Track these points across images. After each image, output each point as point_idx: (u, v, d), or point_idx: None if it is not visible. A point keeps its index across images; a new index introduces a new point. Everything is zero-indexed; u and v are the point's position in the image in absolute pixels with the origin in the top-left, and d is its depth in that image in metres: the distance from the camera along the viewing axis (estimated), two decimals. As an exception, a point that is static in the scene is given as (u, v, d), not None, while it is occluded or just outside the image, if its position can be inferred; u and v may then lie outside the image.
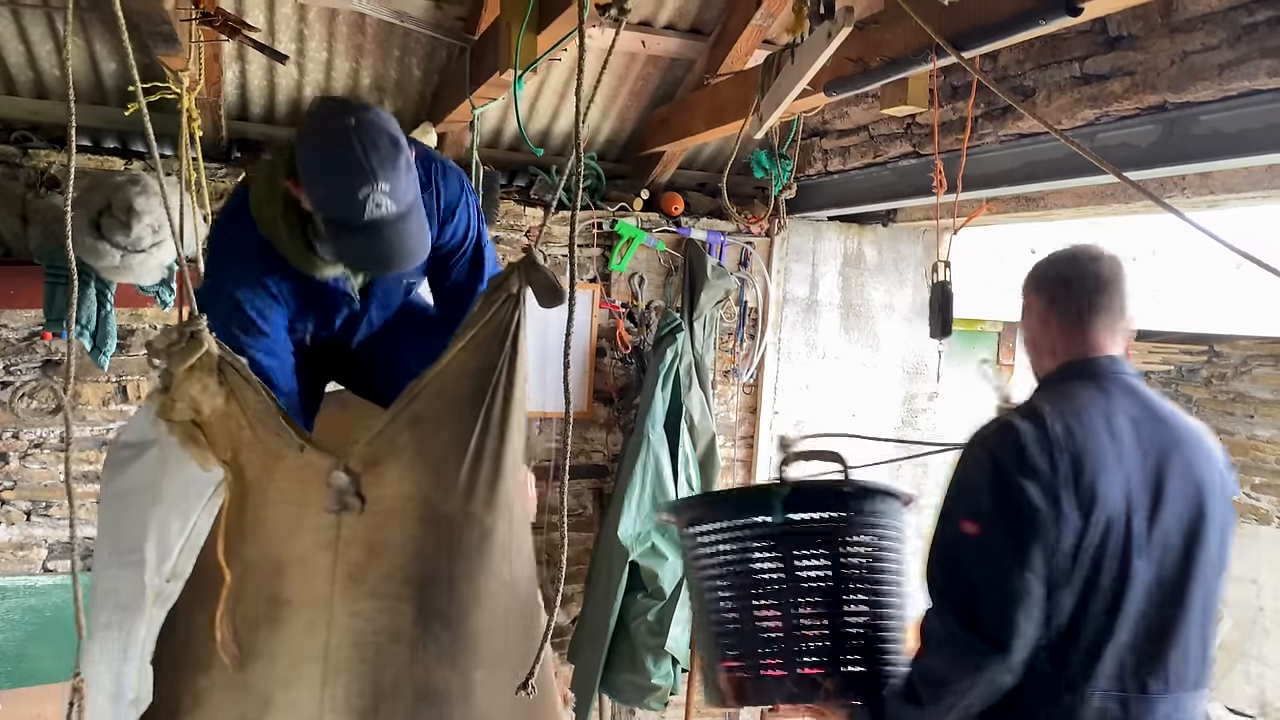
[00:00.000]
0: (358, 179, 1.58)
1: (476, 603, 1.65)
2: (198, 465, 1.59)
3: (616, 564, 3.71)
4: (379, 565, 1.64)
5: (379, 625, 1.64)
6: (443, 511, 1.64)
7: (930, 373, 4.40)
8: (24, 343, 3.33)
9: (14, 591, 3.28)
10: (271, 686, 1.63)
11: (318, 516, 1.63)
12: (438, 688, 1.63)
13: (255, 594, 1.64)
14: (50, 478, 3.41)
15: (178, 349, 1.54)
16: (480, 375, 1.63)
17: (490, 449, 1.64)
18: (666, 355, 3.83)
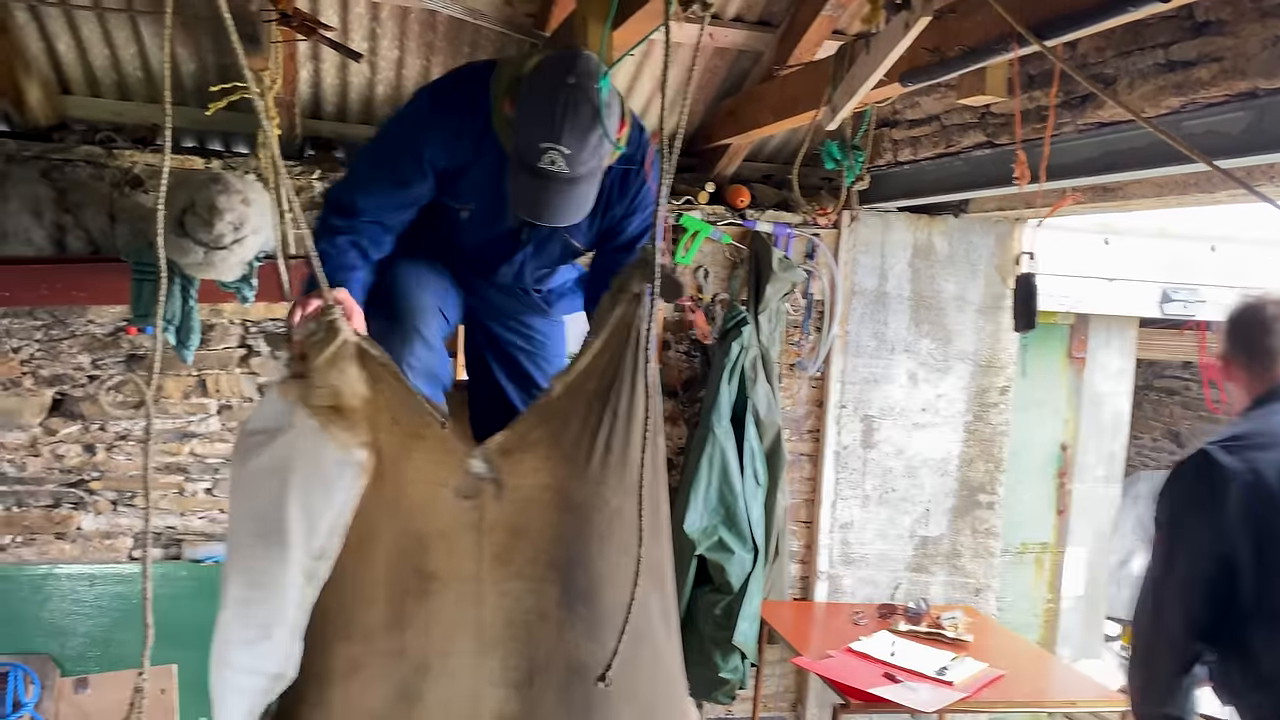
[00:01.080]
0: (545, 131, 1.73)
1: (613, 581, 1.74)
2: (337, 447, 1.64)
3: (683, 558, 3.72)
4: (523, 548, 1.75)
5: (528, 605, 1.74)
6: (577, 499, 1.74)
7: (1002, 366, 4.32)
8: (109, 338, 3.44)
9: (102, 579, 3.39)
10: (429, 655, 1.73)
11: (456, 496, 1.73)
12: (584, 662, 1.73)
13: (403, 566, 1.73)
14: (135, 469, 3.51)
15: (316, 339, 1.60)
16: (607, 372, 1.72)
17: (619, 439, 1.72)
18: (732, 349, 3.82)
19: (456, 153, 1.96)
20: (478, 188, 2.01)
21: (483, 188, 2.00)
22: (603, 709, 1.74)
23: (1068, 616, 5.24)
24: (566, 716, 1.73)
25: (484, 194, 2.01)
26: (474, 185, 2.00)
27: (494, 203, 2.00)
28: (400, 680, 1.73)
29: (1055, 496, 5.11)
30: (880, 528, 4.26)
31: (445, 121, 1.95)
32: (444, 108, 1.97)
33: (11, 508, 3.41)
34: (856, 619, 3.90)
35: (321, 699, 1.73)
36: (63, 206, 3.03)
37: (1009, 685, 3.28)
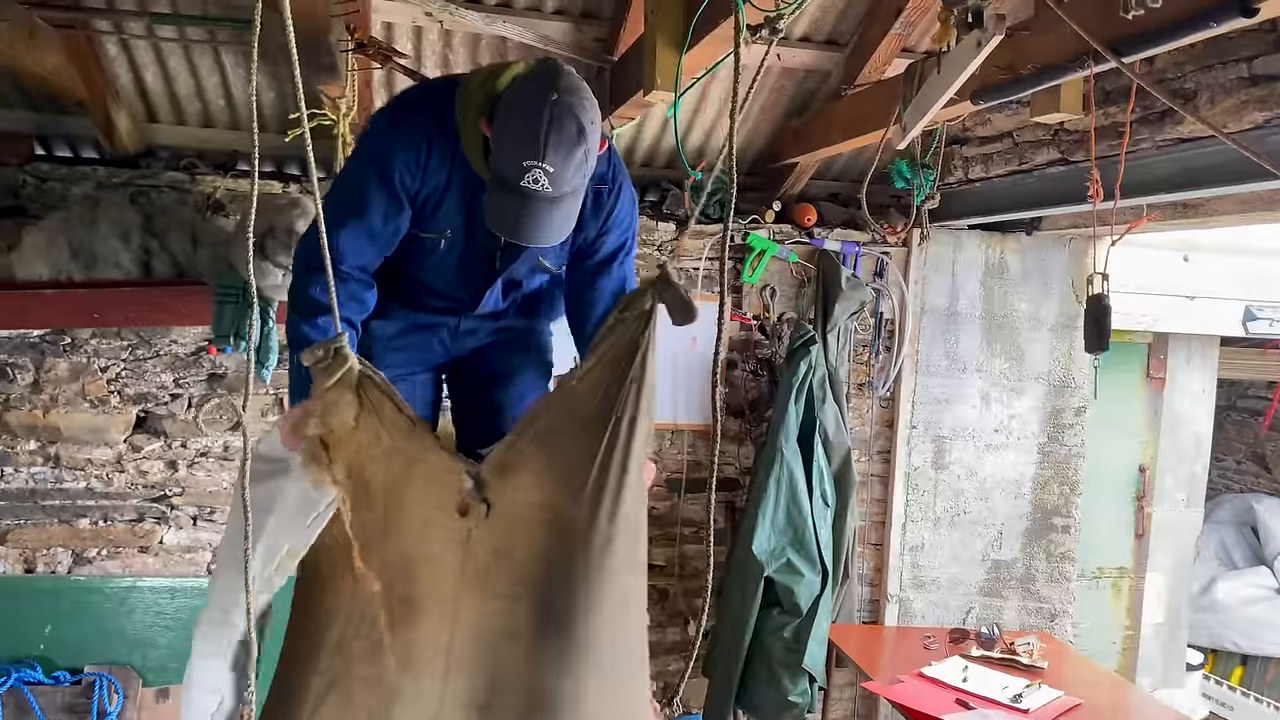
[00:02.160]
0: (529, 150, 1.68)
1: (592, 610, 1.68)
2: (313, 484, 1.67)
3: (751, 579, 3.70)
4: (505, 568, 1.70)
5: (500, 625, 1.69)
6: (568, 520, 1.68)
7: (1077, 387, 4.23)
8: (191, 357, 3.55)
9: (183, 592, 3.48)
10: (401, 678, 1.71)
11: (449, 519, 1.70)
12: (550, 690, 1.67)
13: (389, 594, 1.72)
14: (215, 485, 3.61)
15: (323, 365, 1.62)
16: (609, 392, 1.66)
17: (616, 463, 1.66)
18: (800, 368, 3.79)
19: (427, 176, 1.90)
20: (452, 213, 1.96)
21: (457, 213, 1.96)
22: None
23: (1147, 644, 5.08)
24: None
25: (459, 219, 1.97)
26: (448, 211, 1.95)
27: (471, 227, 1.97)
28: (370, 706, 1.72)
29: (1134, 520, 4.97)
30: (952, 550, 4.19)
31: (410, 142, 1.88)
32: (408, 128, 1.90)
33: (98, 521, 3.52)
34: (927, 643, 3.83)
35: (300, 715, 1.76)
36: (149, 231, 3.13)
37: (1085, 715, 3.20)
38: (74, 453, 3.49)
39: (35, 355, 3.42)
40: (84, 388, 3.47)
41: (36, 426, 3.45)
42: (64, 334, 3.42)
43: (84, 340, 3.45)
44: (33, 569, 3.48)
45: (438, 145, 1.88)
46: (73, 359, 3.45)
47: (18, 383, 3.42)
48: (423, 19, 3.12)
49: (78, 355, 3.46)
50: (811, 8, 3.12)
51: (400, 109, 1.98)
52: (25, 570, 3.47)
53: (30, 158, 3.39)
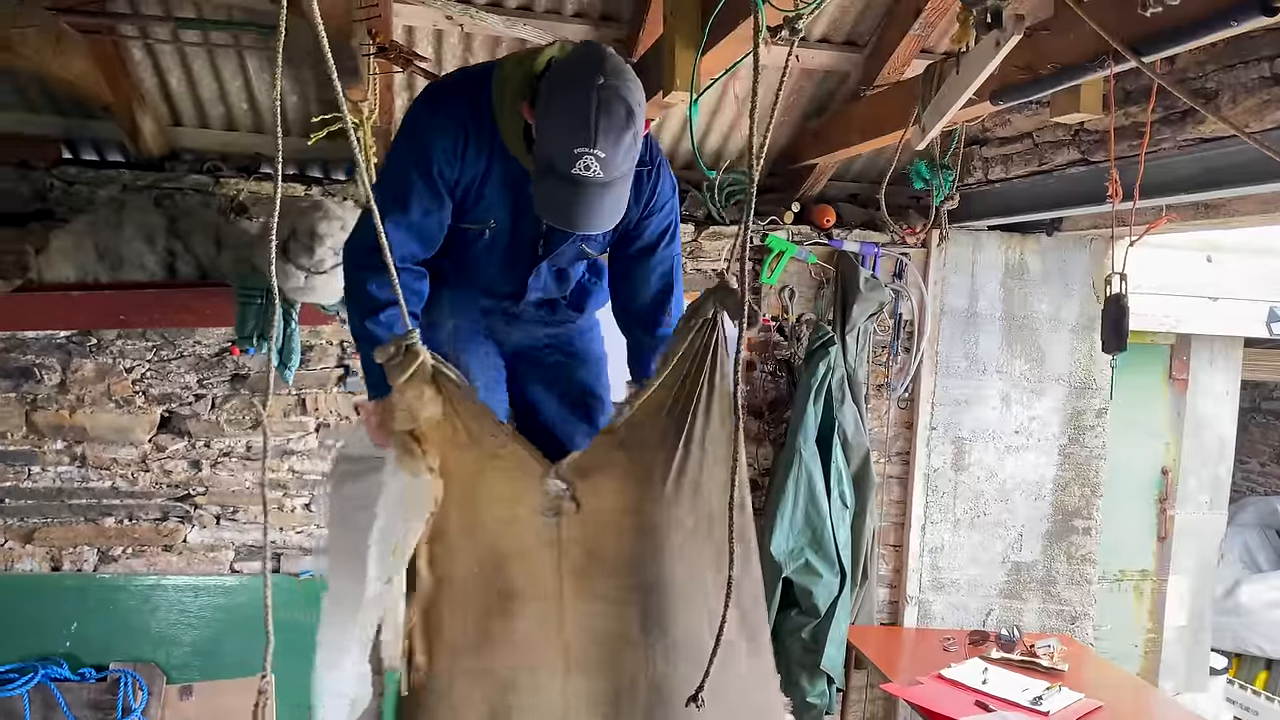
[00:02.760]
0: (579, 136, 1.65)
1: (689, 604, 1.76)
2: (411, 474, 1.70)
3: (768, 580, 3.69)
4: (602, 569, 1.77)
5: (610, 628, 1.77)
6: (652, 522, 1.75)
7: (1099, 388, 4.21)
8: (215, 358, 3.58)
9: (206, 590, 3.52)
10: (516, 672, 1.77)
11: (535, 516, 1.76)
12: (665, 684, 1.74)
13: (486, 585, 1.77)
14: (237, 484, 3.64)
15: (395, 362, 1.65)
16: (683, 395, 1.73)
17: (693, 464, 1.73)
18: (819, 369, 3.79)
19: (465, 164, 1.88)
20: (494, 202, 1.94)
21: (499, 201, 1.93)
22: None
23: (1170, 648, 5.04)
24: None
25: (502, 207, 1.94)
26: (490, 201, 1.93)
27: (515, 215, 1.94)
28: (489, 699, 1.76)
29: (1156, 522, 4.93)
30: (972, 552, 4.17)
31: (447, 130, 1.86)
32: (444, 117, 1.88)
33: (123, 520, 3.57)
34: (947, 645, 3.82)
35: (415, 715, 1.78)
36: (174, 233, 3.17)
37: (1107, 718, 3.18)
38: (100, 452, 3.54)
39: (62, 356, 3.47)
40: (110, 388, 3.51)
41: (63, 426, 3.49)
42: (90, 335, 3.46)
43: (110, 341, 3.49)
44: (59, 567, 3.52)
45: (475, 132, 1.85)
46: (99, 360, 3.50)
47: (45, 383, 3.46)
48: (443, 22, 3.14)
49: (104, 356, 3.50)
50: (830, 8, 3.12)
51: (435, 97, 1.96)
52: (52, 568, 3.52)
53: (57, 161, 3.44)
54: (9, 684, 3.20)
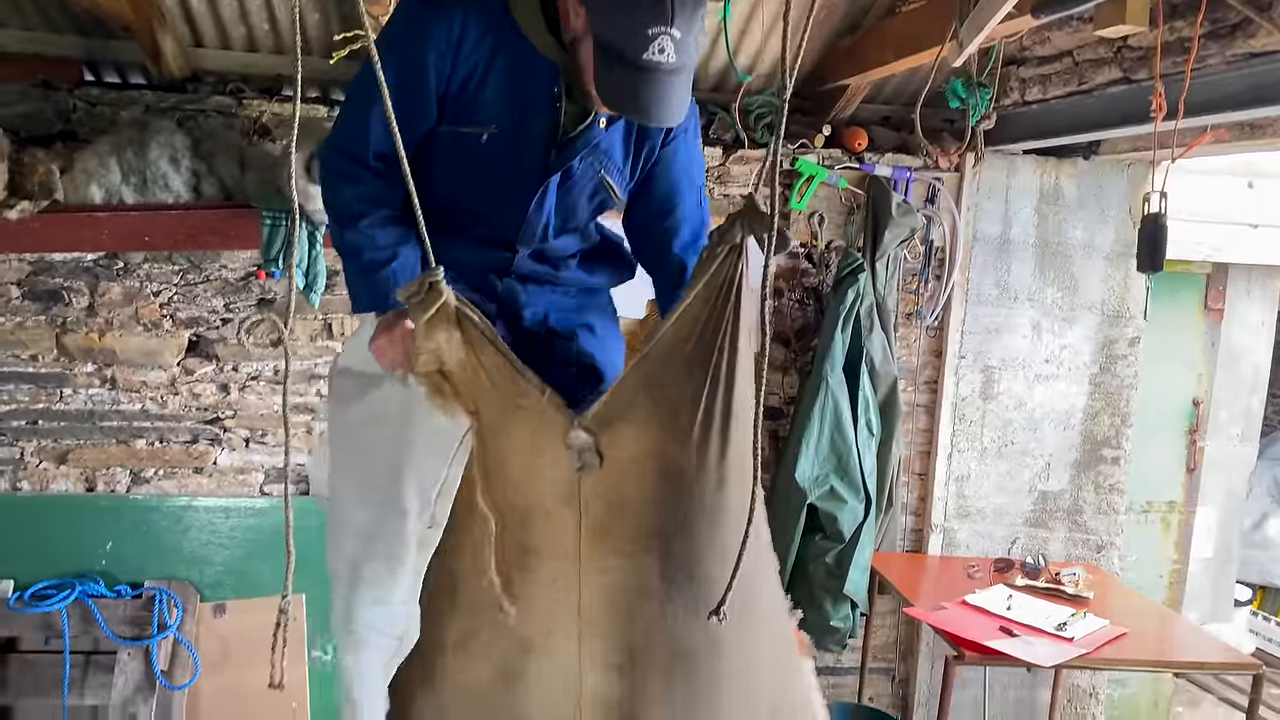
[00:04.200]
0: (654, 14, 1.48)
1: (716, 554, 1.65)
2: (445, 414, 1.64)
3: (793, 506, 3.70)
4: (622, 521, 1.67)
5: (627, 581, 1.67)
6: (678, 466, 1.64)
7: (1132, 317, 4.13)
8: (241, 282, 3.59)
9: (237, 511, 3.57)
10: (531, 632, 1.70)
11: (554, 470, 1.66)
12: (687, 643, 1.66)
13: (504, 538, 1.70)
14: (265, 408, 3.67)
15: (418, 300, 1.57)
16: (707, 331, 1.61)
17: (720, 402, 1.62)
18: (847, 296, 3.74)
19: (462, 54, 1.66)
20: (498, 99, 1.71)
21: (504, 98, 1.71)
22: (709, 688, 1.68)
23: (1196, 579, 5.03)
24: (670, 699, 1.67)
25: (507, 106, 1.71)
26: (493, 96, 1.70)
27: (522, 115, 1.72)
28: (502, 657, 1.71)
29: (1185, 454, 4.90)
30: (998, 481, 4.15)
31: (441, 13, 1.65)
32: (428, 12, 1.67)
33: (154, 442, 3.61)
34: (971, 573, 3.83)
35: (429, 672, 1.76)
36: (198, 155, 3.15)
37: (1132, 644, 3.19)
38: (129, 375, 3.56)
39: (90, 279, 3.48)
40: (137, 311, 3.53)
41: (93, 349, 3.52)
42: (117, 258, 3.47)
43: (136, 264, 3.49)
44: (93, 487, 3.58)
45: (476, 15, 1.66)
46: (126, 283, 3.51)
47: (74, 306, 3.48)
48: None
49: (130, 279, 3.51)
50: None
51: None
52: (86, 489, 3.58)
53: (80, 83, 3.41)
54: (48, 599, 3.28)
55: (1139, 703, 4.81)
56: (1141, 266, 2.34)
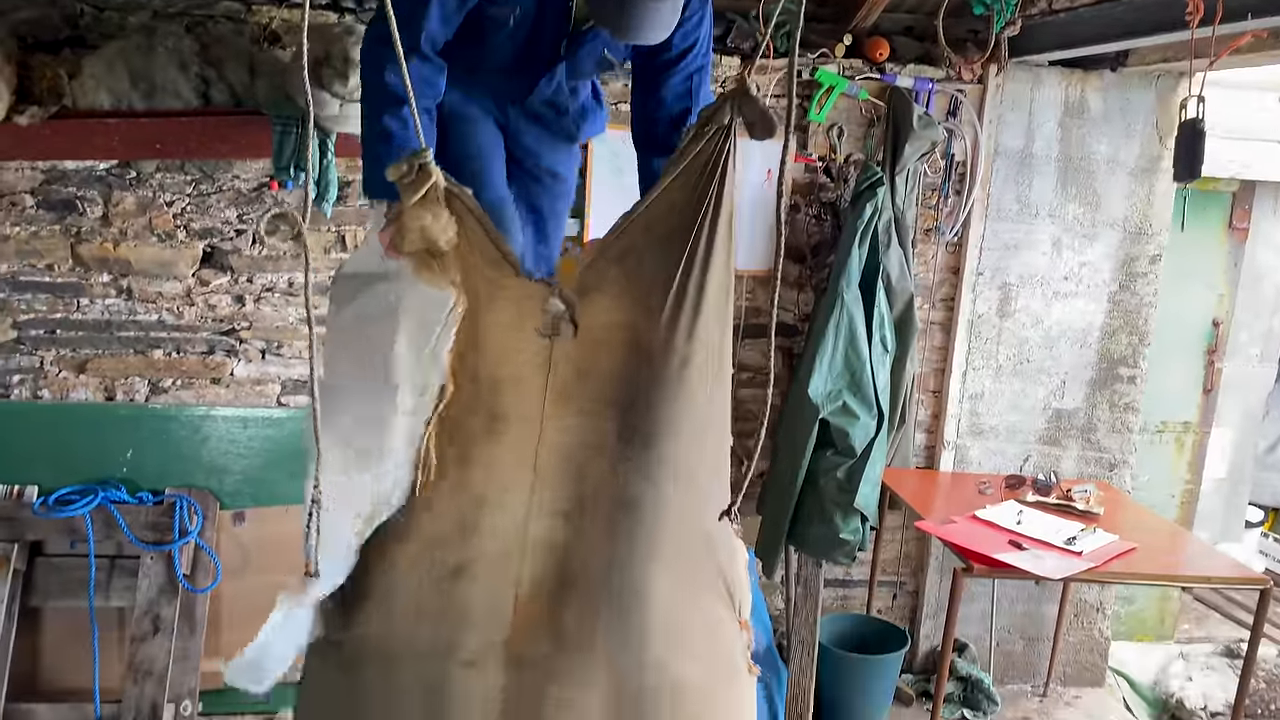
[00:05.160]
0: None
1: (672, 424, 1.74)
2: (433, 288, 1.68)
3: (806, 421, 3.71)
4: (587, 386, 1.75)
5: (583, 439, 1.75)
6: (646, 341, 1.72)
7: (1154, 234, 4.07)
8: (254, 193, 3.57)
9: (254, 422, 3.60)
10: (488, 489, 1.78)
11: (533, 340, 1.74)
12: (633, 497, 1.75)
13: (477, 410, 1.77)
14: (281, 320, 3.68)
15: (408, 180, 1.60)
16: (687, 210, 1.66)
17: (694, 283, 1.68)
18: (865, 211, 3.69)
19: None
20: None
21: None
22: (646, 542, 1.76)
23: (1207, 499, 5.05)
24: (611, 547, 1.75)
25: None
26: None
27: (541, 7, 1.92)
28: (460, 511, 1.78)
29: (1203, 375, 4.87)
30: (1012, 399, 4.15)
31: None
32: None
33: (171, 353, 3.63)
34: (982, 489, 3.85)
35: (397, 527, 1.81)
36: (206, 60, 3.10)
37: (1140, 559, 3.21)
38: (145, 286, 3.57)
39: (103, 189, 3.47)
40: (151, 222, 3.52)
41: (108, 259, 3.52)
42: (129, 167, 3.45)
43: (149, 174, 3.48)
44: (112, 397, 3.62)
45: None
46: (139, 193, 3.49)
47: (88, 216, 3.48)
48: None
49: (144, 189, 3.49)
50: None
51: None
52: (106, 398, 3.62)
53: (86, -14, 3.36)
54: (71, 505, 3.34)
55: (1145, 618, 4.87)
56: (1178, 175, 2.28)
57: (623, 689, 1.75)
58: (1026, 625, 4.30)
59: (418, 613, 1.78)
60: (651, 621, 1.76)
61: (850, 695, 3.85)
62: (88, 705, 3.34)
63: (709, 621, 1.86)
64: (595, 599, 1.74)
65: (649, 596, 1.76)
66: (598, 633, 1.74)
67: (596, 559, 1.75)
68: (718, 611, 1.87)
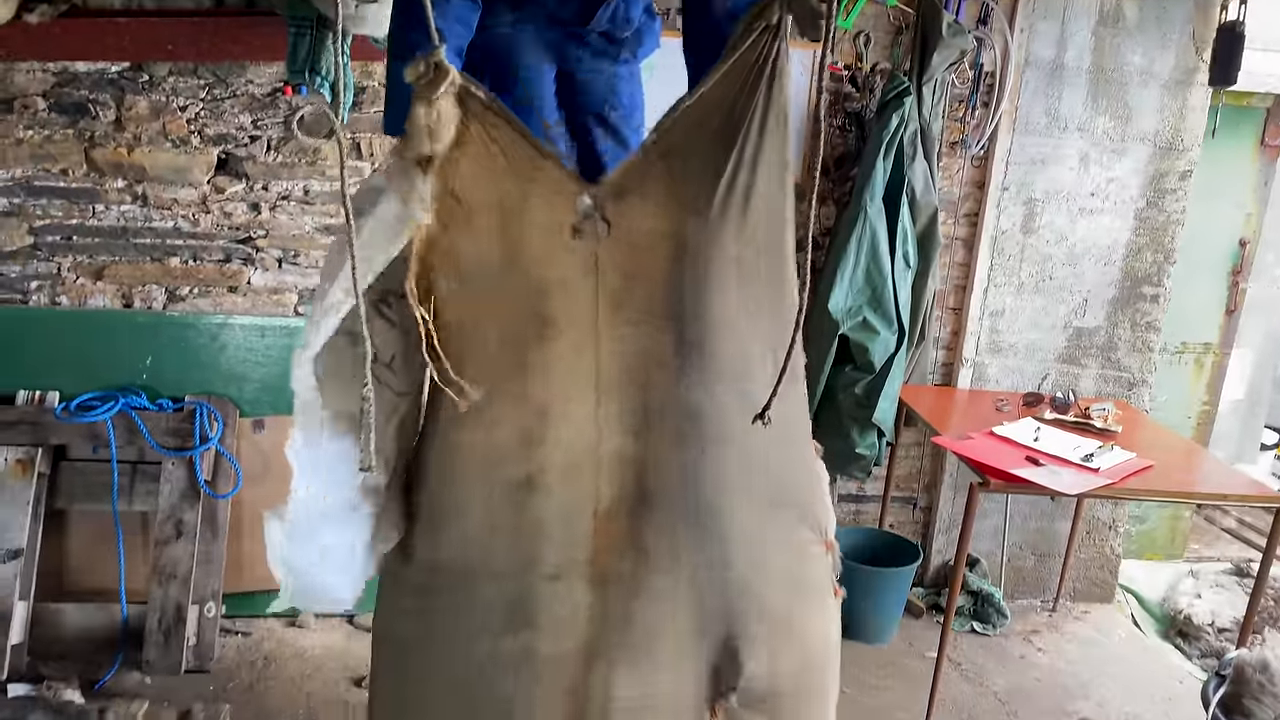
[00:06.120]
0: None
1: (728, 331, 1.71)
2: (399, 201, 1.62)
3: (825, 335, 3.69)
4: (637, 293, 1.70)
5: (643, 350, 1.71)
6: (694, 245, 1.66)
7: (1185, 149, 3.98)
8: (268, 98, 3.50)
9: (272, 331, 3.60)
10: (549, 399, 1.73)
11: (574, 240, 1.68)
12: (697, 408, 1.72)
13: (524, 312, 1.72)
14: (297, 229, 3.65)
15: (425, 79, 1.54)
16: (735, 109, 1.59)
17: (742, 183, 1.62)
18: (891, 121, 3.61)
19: None
20: None
21: None
22: (716, 460, 1.74)
23: (1224, 420, 5.04)
24: (682, 463, 1.73)
25: None
26: None
27: None
28: (522, 424, 1.74)
29: (1226, 295, 4.82)
30: (1033, 317, 4.11)
31: None
32: None
33: (188, 261, 3.62)
34: (1000, 406, 3.84)
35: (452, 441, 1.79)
36: (218, -42, 3.04)
37: (1157, 476, 3.20)
38: (160, 192, 3.54)
39: (115, 92, 3.41)
40: (165, 126, 3.47)
41: (122, 164, 3.49)
42: (141, 70, 3.39)
43: (161, 78, 3.41)
44: (130, 304, 3.62)
45: None
46: (152, 97, 3.44)
47: (101, 119, 3.43)
48: None
49: (157, 93, 3.44)
50: None
51: None
52: (124, 305, 3.61)
53: (92, -121, 3.26)
54: (93, 410, 3.36)
55: (1155, 537, 4.91)
56: (1213, 80, 2.21)
57: (708, 608, 1.76)
58: (1038, 542, 4.34)
59: (492, 528, 1.77)
60: (731, 539, 1.76)
61: (862, 606, 3.90)
62: (114, 606, 3.42)
63: (790, 542, 1.85)
64: (674, 515, 1.73)
65: (726, 513, 1.75)
66: (679, 550, 1.73)
67: (671, 474, 1.73)
68: (800, 532, 1.86)
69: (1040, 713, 3.50)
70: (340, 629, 3.68)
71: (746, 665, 1.78)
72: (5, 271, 3.54)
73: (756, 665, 1.79)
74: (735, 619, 1.77)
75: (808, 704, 1.93)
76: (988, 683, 3.68)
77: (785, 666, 1.84)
